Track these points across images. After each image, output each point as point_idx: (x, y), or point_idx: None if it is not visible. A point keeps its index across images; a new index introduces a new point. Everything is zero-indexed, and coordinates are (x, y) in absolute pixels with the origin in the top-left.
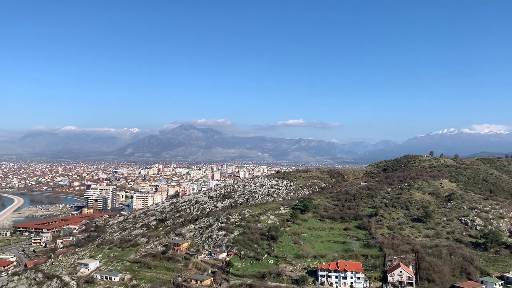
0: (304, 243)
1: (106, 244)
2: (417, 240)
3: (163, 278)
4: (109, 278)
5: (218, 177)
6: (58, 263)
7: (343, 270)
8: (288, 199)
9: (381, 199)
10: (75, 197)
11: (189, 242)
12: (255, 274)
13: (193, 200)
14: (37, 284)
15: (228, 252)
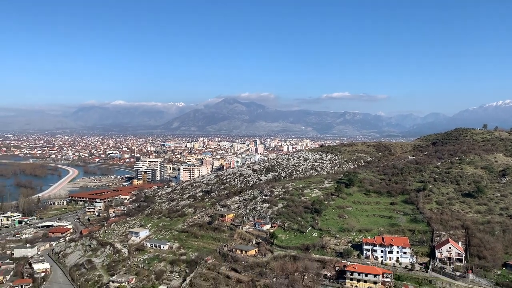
0: (348, 217)
1: (155, 214)
2: (468, 216)
3: (210, 247)
4: (158, 246)
5: (262, 151)
6: (110, 231)
7: (389, 244)
8: (333, 173)
9: (430, 174)
10: (126, 168)
11: (234, 213)
12: (299, 246)
13: (237, 173)
14: (92, 251)
15: (272, 224)
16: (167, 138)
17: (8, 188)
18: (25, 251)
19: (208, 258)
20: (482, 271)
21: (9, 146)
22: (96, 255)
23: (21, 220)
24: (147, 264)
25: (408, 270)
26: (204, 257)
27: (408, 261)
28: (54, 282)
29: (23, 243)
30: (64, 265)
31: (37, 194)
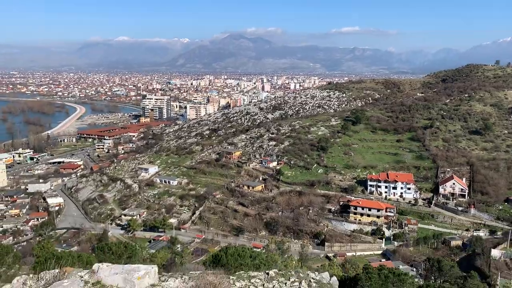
0: (354, 154)
1: (164, 151)
2: (473, 153)
3: (217, 183)
4: (167, 182)
5: (268, 89)
6: (120, 168)
7: (393, 180)
8: (340, 111)
9: (437, 111)
10: (132, 106)
11: (241, 151)
12: (304, 182)
13: (244, 111)
14: (103, 186)
15: (278, 161)
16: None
17: (17, 125)
18: (39, 186)
19: (216, 193)
20: (484, 206)
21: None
22: (107, 190)
23: (33, 156)
24: (157, 198)
25: (412, 205)
26: (212, 192)
27: (411, 196)
28: (68, 215)
29: (36, 178)
30: (76, 200)
31: (46, 132)
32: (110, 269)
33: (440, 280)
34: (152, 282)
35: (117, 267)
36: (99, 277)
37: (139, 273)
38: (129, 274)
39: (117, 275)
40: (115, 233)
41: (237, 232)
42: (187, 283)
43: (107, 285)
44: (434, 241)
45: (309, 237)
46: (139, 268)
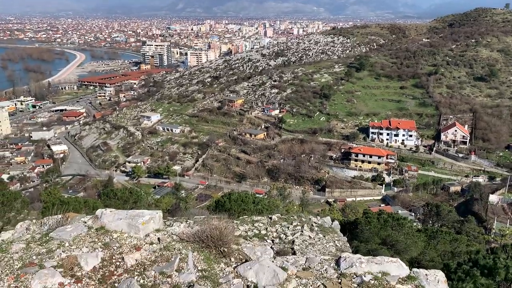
0: (357, 102)
1: (165, 99)
2: (477, 100)
3: (220, 131)
4: (170, 130)
5: (271, 34)
6: (122, 115)
7: (395, 127)
8: (344, 57)
9: (443, 57)
10: (132, 53)
11: (243, 99)
12: (306, 130)
13: (245, 58)
14: (106, 133)
15: (280, 109)
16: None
17: (17, 72)
18: (42, 134)
19: (219, 141)
20: (485, 153)
21: (12, 29)
22: (110, 137)
23: (35, 104)
24: (160, 146)
25: (413, 152)
26: (215, 140)
27: (413, 143)
28: (73, 162)
29: (39, 126)
30: (80, 147)
31: (47, 79)
32: (113, 215)
33: (438, 224)
34: (156, 227)
35: (121, 213)
36: (103, 222)
37: (143, 219)
38: (133, 220)
39: (121, 220)
40: (120, 180)
41: (239, 178)
42: (192, 227)
43: (110, 231)
44: (433, 187)
45: (310, 183)
46: (143, 214)
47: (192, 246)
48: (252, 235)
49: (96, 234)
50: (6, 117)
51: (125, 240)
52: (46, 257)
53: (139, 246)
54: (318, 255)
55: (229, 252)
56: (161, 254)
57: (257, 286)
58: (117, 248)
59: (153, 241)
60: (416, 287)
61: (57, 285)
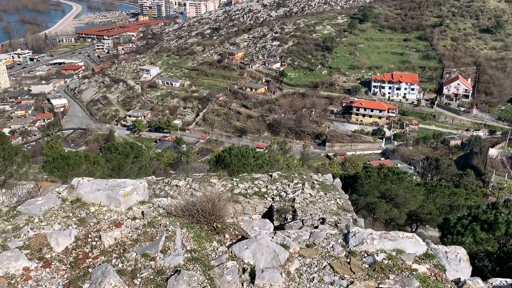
0: (360, 54)
1: (164, 52)
2: (482, 53)
3: (220, 85)
4: (169, 83)
5: None
6: (121, 69)
7: (397, 81)
8: (347, 8)
9: (449, 8)
10: (130, 3)
11: (243, 51)
12: (307, 83)
13: (246, 8)
14: (106, 87)
15: (281, 62)
16: None
17: (13, 24)
18: (42, 88)
19: (219, 95)
20: (487, 107)
21: None
22: (110, 91)
23: (32, 57)
24: (160, 100)
25: (414, 105)
26: (215, 94)
27: (415, 97)
28: (74, 116)
29: (38, 80)
30: (80, 101)
31: (43, 31)
32: (91, 185)
33: (437, 178)
34: (141, 198)
35: (100, 182)
36: (79, 193)
37: (125, 190)
38: (114, 191)
39: (100, 191)
40: (121, 134)
41: (240, 133)
42: (190, 184)
43: (87, 203)
44: (433, 141)
45: (311, 137)
46: (125, 184)
47: (181, 222)
48: (252, 192)
49: (71, 208)
50: (4, 70)
51: (104, 215)
52: (11, 236)
53: (120, 222)
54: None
55: (223, 228)
56: (144, 232)
57: (254, 269)
58: (94, 225)
59: (136, 216)
60: (435, 266)
61: (21, 271)
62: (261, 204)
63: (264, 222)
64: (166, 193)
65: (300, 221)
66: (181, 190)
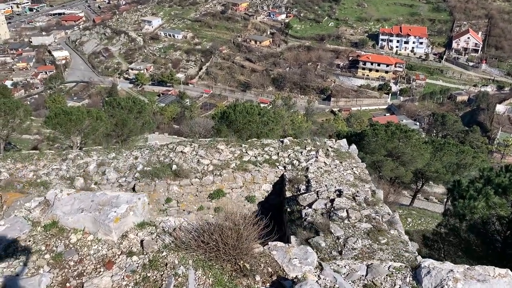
0: (368, 6)
1: (166, 2)
2: (494, 5)
3: (223, 37)
4: (172, 35)
5: None
6: (123, 20)
7: (406, 34)
8: None
9: None
10: None
11: (248, 2)
12: (314, 36)
13: None
14: (107, 39)
15: (287, 13)
16: None
17: None
18: (42, 39)
19: (222, 48)
20: (496, 62)
21: None
22: (112, 43)
23: (31, 7)
24: (163, 52)
25: (422, 60)
26: (218, 47)
27: (423, 51)
28: (75, 69)
29: (39, 31)
30: (82, 53)
31: None
32: (72, 201)
33: (442, 134)
34: (139, 220)
35: (84, 197)
36: (56, 214)
37: (117, 211)
38: (102, 212)
39: (84, 213)
40: (124, 87)
41: (244, 87)
42: (196, 151)
43: (67, 229)
44: (440, 96)
45: (316, 92)
46: (118, 200)
47: (195, 258)
48: (262, 160)
49: (44, 237)
50: (3, 21)
51: (89, 248)
52: None
53: (110, 259)
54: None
55: (252, 268)
56: (144, 278)
57: None
58: (74, 265)
59: (133, 249)
60: None
61: None
62: (272, 173)
63: (305, 251)
64: (170, 159)
65: (314, 193)
66: (187, 157)
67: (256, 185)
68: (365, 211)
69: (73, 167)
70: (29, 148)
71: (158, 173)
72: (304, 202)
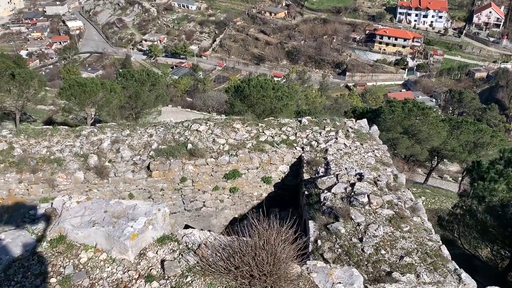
0: None
1: None
2: None
3: (238, 8)
4: (186, 6)
5: None
6: None
7: (425, 8)
8: None
9: None
10: None
11: None
12: (330, 8)
13: None
14: (121, 9)
15: None
16: None
17: None
18: (56, 9)
19: (237, 20)
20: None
21: None
22: (125, 14)
23: None
24: (176, 24)
25: (441, 35)
26: (233, 18)
27: (442, 25)
28: (90, 39)
29: (53, 0)
30: (96, 23)
31: None
32: (82, 211)
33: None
34: (159, 234)
35: (96, 206)
36: (63, 228)
37: (134, 226)
38: (117, 227)
39: (95, 227)
40: (138, 58)
41: (258, 60)
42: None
43: (76, 245)
44: (458, 73)
45: (331, 66)
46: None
47: (224, 284)
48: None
49: (50, 255)
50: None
51: (101, 270)
52: None
53: (126, 285)
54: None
55: None
56: None
57: None
58: None
59: (153, 272)
60: None
61: None
62: (289, 154)
63: (350, 274)
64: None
65: (334, 176)
66: (202, 135)
67: (273, 166)
68: (387, 196)
69: (86, 143)
70: (44, 118)
71: (173, 152)
72: (323, 186)
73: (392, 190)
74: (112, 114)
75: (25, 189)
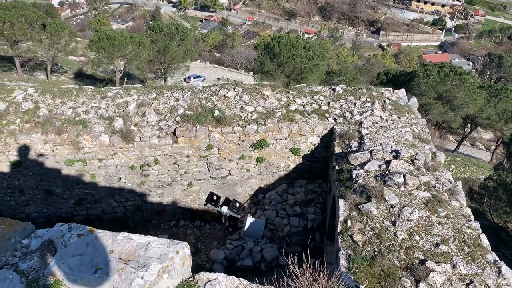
0: None
1: None
2: None
3: None
4: None
5: None
6: None
7: None
8: None
9: None
10: None
11: None
12: None
13: None
14: None
15: None
16: None
17: None
18: None
19: None
20: None
21: None
22: None
23: None
24: None
25: None
26: None
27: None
28: None
29: None
30: None
31: None
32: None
33: (497, 76)
34: (176, 282)
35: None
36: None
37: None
38: (124, 276)
39: (97, 274)
40: (167, 10)
41: (289, 16)
42: (240, 96)
43: None
44: (499, 35)
45: (365, 24)
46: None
47: None
48: (311, 110)
49: None
50: None
51: None
52: None
53: None
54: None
55: None
56: None
57: None
58: None
59: None
60: None
61: None
62: (320, 126)
63: None
64: (213, 104)
65: (368, 152)
66: (230, 102)
67: (302, 137)
68: (424, 177)
69: (112, 106)
70: (74, 70)
71: (199, 119)
72: (356, 162)
73: (429, 170)
74: (141, 68)
75: (50, 150)
